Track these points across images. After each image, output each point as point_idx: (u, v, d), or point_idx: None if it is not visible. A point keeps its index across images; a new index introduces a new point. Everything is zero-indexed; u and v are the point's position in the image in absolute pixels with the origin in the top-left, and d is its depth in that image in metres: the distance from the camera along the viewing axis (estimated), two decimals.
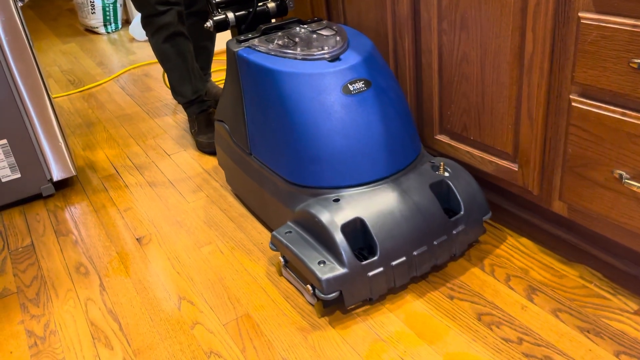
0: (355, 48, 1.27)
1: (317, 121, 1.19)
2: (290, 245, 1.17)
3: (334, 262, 1.11)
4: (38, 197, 1.75)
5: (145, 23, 1.87)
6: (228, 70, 1.42)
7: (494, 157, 1.28)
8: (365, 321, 1.14)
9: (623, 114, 0.95)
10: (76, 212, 1.66)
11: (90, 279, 1.37)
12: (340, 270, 1.09)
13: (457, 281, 1.22)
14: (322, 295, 1.10)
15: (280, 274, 1.31)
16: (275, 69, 1.23)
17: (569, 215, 1.16)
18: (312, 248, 1.15)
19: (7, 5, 1.51)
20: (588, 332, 1.06)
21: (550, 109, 1.10)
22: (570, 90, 1.04)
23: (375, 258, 1.12)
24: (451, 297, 1.18)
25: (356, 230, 1.15)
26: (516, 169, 1.22)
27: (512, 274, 1.22)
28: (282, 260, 1.25)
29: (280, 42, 1.31)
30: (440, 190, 1.24)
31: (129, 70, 2.86)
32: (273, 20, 1.50)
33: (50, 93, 1.71)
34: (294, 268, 1.23)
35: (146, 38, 2.55)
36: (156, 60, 2.29)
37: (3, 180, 1.66)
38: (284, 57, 1.26)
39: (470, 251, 1.30)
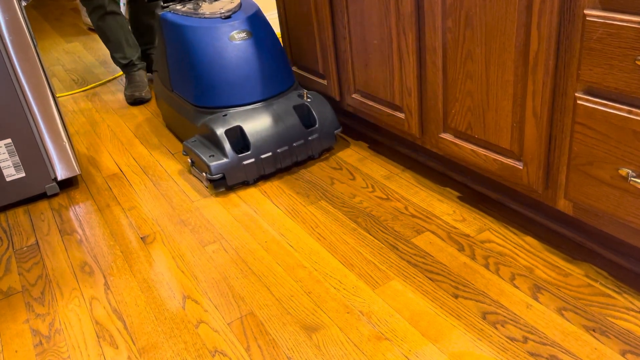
0: (244, 10, 1.78)
1: (212, 60, 1.70)
2: (193, 148, 1.68)
3: (220, 155, 1.62)
4: (42, 196, 1.76)
5: (83, 2, 2.34)
6: (156, 30, 1.84)
7: (498, 156, 1.27)
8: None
9: (629, 112, 0.95)
10: (80, 211, 1.66)
11: (94, 278, 1.37)
12: (223, 160, 1.61)
13: (462, 280, 1.22)
14: (211, 177, 1.60)
15: (190, 172, 1.79)
16: (184, 24, 1.73)
17: (574, 213, 1.15)
18: (207, 148, 1.66)
19: (10, 4, 1.51)
20: (594, 330, 1.06)
21: (555, 107, 1.10)
22: (575, 88, 1.04)
23: (249, 152, 1.63)
24: (456, 296, 1.18)
25: (237, 136, 1.67)
26: (521, 167, 1.22)
27: (517, 273, 1.22)
28: (190, 161, 1.76)
29: (190, 6, 1.82)
30: (302, 111, 1.75)
31: None
32: None
33: (54, 92, 1.71)
34: (197, 166, 1.70)
35: None
36: None
37: (8, 179, 1.66)
38: (192, 16, 1.76)
39: (475, 250, 1.30)
